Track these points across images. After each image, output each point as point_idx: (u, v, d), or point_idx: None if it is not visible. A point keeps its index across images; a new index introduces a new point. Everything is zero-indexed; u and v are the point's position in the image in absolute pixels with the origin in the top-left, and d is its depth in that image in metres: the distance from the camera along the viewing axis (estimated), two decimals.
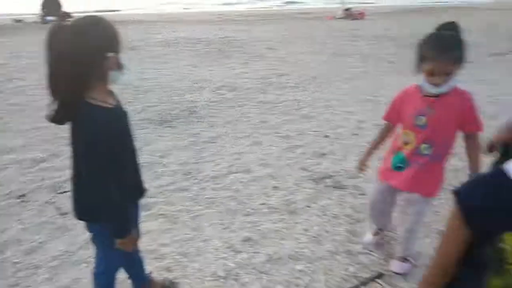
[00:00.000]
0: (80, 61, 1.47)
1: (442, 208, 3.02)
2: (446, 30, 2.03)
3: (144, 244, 2.62)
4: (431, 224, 2.84)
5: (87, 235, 2.71)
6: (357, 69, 7.36)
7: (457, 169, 3.60)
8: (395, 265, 2.43)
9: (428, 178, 2.20)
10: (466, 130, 2.12)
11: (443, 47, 1.96)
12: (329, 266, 2.47)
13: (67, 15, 13.70)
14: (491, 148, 2.25)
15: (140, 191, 1.92)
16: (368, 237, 2.68)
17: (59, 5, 13.36)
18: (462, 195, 1.00)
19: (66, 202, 3.09)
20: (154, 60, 8.05)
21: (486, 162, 2.22)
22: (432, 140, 2.12)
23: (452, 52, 1.96)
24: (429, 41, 2.02)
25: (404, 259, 2.43)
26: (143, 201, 3.04)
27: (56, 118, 1.55)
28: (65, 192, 3.22)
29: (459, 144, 2.19)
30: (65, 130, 4.65)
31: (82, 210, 1.77)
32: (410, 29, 12.13)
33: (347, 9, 16.17)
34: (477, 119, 2.09)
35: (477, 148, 2.14)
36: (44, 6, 13.00)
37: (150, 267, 2.45)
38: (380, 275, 2.38)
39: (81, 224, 2.81)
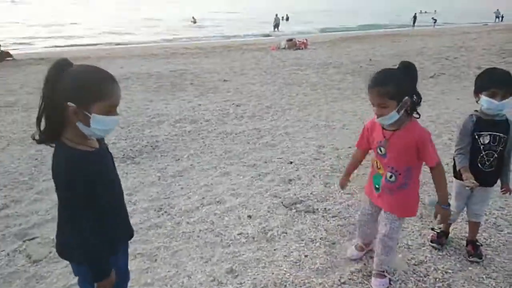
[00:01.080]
0: (47, 102, 1.52)
1: (409, 223, 3.24)
2: (401, 66, 2.20)
3: None
4: (401, 240, 3.03)
5: (64, 282, 2.62)
6: (308, 97, 7.70)
7: (421, 183, 3.88)
8: (374, 282, 2.57)
9: (398, 202, 2.37)
10: (426, 163, 2.27)
11: (373, 81, 2.17)
12: None
13: (7, 54, 13.17)
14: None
15: (128, 233, 1.92)
16: (352, 250, 2.83)
17: None
18: None
19: (37, 249, 2.95)
20: None
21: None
22: (394, 169, 2.30)
23: (380, 86, 2.13)
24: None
25: (382, 275, 2.57)
26: None
27: (37, 139, 1.59)
28: (33, 238, 3.07)
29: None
30: (24, 174, 4.48)
31: (61, 248, 1.75)
32: (349, 57, 12.95)
33: (290, 40, 16.92)
34: (429, 154, 2.21)
35: (438, 178, 2.29)
36: None
37: None
38: None
39: (57, 271, 2.73)
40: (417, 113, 2.25)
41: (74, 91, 1.50)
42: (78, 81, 1.51)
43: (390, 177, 2.32)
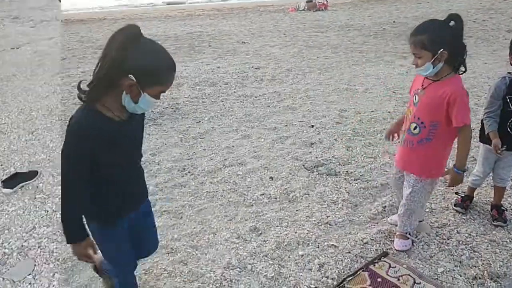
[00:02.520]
0: (110, 64, 1.45)
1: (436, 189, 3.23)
2: (446, 18, 2.12)
3: None
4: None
5: None
6: (329, 60, 7.55)
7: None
8: (396, 243, 2.60)
9: (417, 159, 2.34)
10: (453, 122, 2.16)
11: (412, 31, 2.15)
12: (336, 249, 2.59)
13: None
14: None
15: (131, 206, 1.82)
16: (395, 216, 2.76)
17: None
18: None
19: None
20: None
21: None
22: (420, 120, 2.25)
23: (415, 36, 2.11)
24: None
25: (404, 236, 2.60)
26: None
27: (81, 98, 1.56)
28: None
29: None
30: None
31: None
32: (371, 19, 12.52)
33: (309, 1, 16.39)
34: (457, 113, 2.10)
35: (462, 142, 2.21)
36: None
37: (164, 261, 2.50)
38: (385, 254, 2.54)
39: None
40: (465, 68, 2.17)
41: (142, 68, 1.46)
42: (149, 61, 1.47)
43: (414, 128, 2.29)
